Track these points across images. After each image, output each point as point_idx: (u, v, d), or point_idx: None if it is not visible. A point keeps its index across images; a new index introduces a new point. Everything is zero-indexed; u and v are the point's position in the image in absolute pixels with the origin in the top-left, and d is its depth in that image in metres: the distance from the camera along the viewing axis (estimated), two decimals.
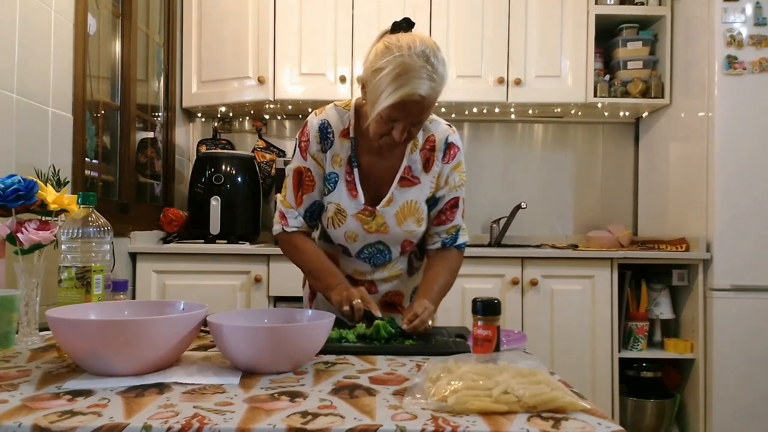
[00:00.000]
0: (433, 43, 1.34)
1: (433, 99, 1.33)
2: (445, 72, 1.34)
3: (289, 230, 1.54)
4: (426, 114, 1.37)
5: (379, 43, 1.37)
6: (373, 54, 1.36)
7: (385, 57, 1.31)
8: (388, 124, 1.36)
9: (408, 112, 1.33)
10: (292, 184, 1.54)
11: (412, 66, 1.28)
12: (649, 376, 2.79)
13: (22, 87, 1.72)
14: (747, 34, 2.60)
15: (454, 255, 1.58)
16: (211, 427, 0.71)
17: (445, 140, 1.54)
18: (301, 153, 1.52)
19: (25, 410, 0.77)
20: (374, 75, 1.32)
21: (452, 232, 1.57)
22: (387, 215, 1.50)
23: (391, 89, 1.28)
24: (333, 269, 1.52)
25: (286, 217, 1.54)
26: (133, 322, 0.94)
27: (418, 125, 1.39)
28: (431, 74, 1.30)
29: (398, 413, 0.77)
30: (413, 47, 1.30)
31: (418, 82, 1.28)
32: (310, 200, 1.53)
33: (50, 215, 1.34)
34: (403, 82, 1.28)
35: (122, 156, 2.60)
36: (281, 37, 2.92)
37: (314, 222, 1.58)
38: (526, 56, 2.97)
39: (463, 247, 1.60)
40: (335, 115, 1.52)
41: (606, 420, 0.75)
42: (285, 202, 1.55)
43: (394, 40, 1.33)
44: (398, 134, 1.36)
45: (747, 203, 2.59)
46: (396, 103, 1.29)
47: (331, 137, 1.51)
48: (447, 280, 1.54)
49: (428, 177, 1.52)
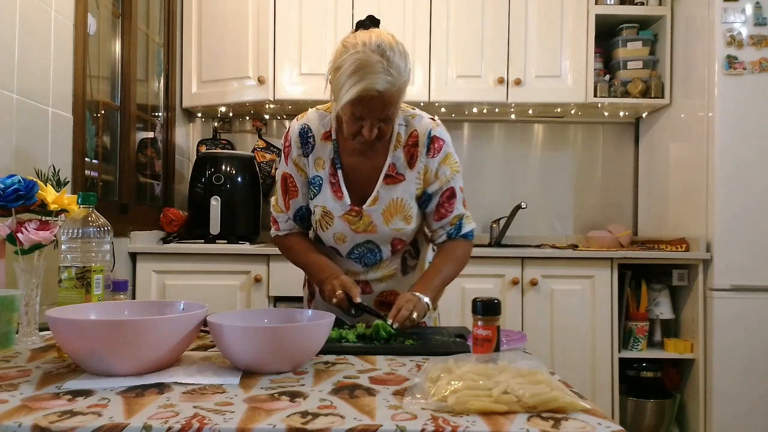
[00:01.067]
0: (390, 37, 1.34)
1: (393, 93, 1.32)
2: (404, 65, 1.33)
3: (281, 234, 1.61)
4: (391, 109, 1.36)
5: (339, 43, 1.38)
6: (334, 54, 1.37)
7: (342, 56, 1.32)
8: (357, 122, 1.36)
9: (369, 108, 1.33)
10: (280, 189, 1.58)
11: (367, 61, 1.28)
12: (649, 376, 2.79)
13: (22, 87, 1.72)
14: (747, 34, 2.60)
15: (461, 244, 1.56)
16: (211, 427, 0.71)
17: (427, 134, 1.51)
18: (285, 159, 1.56)
19: (25, 410, 0.77)
20: (334, 74, 1.34)
21: (455, 222, 1.55)
22: (374, 214, 1.50)
23: (348, 86, 1.29)
24: (324, 263, 1.53)
25: (277, 222, 1.61)
26: (133, 322, 0.94)
27: (386, 121, 1.38)
28: (387, 68, 1.29)
29: (398, 413, 0.77)
30: (369, 43, 1.30)
31: (374, 77, 1.28)
32: (296, 205, 1.57)
33: (50, 215, 1.34)
34: (359, 78, 1.28)
35: (122, 156, 2.60)
36: (281, 37, 2.92)
37: (306, 223, 1.60)
38: (526, 56, 2.97)
39: (470, 235, 1.57)
40: (316, 118, 1.53)
41: (606, 420, 0.75)
42: (276, 206, 1.60)
43: (351, 38, 1.35)
44: (367, 132, 1.37)
45: (747, 203, 2.59)
46: (354, 99, 1.30)
47: (311, 141, 1.52)
48: (450, 270, 1.52)
49: (413, 173, 1.51)
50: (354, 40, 1.33)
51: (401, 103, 1.42)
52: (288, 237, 1.60)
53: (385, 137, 1.43)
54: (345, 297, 1.39)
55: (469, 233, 1.57)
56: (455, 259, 1.54)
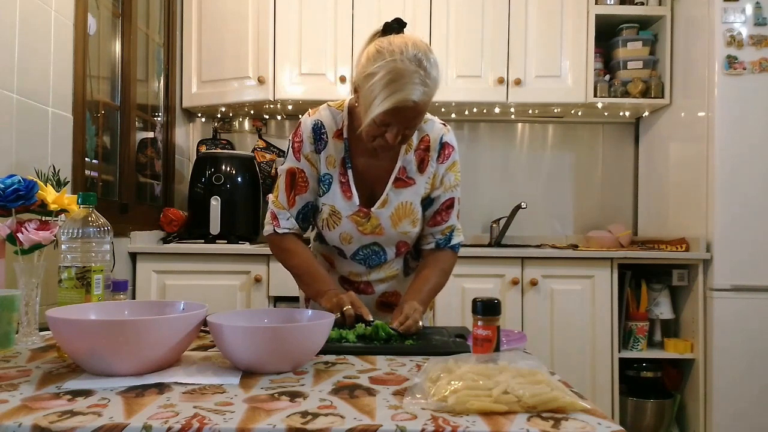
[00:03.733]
0: (425, 45, 1.33)
1: (426, 103, 1.32)
2: (438, 75, 1.33)
3: (281, 232, 1.52)
4: (420, 118, 1.36)
5: (370, 45, 1.35)
6: (365, 58, 1.34)
7: (377, 62, 1.29)
8: (381, 127, 1.34)
9: (401, 117, 1.31)
10: (284, 184, 1.52)
11: (404, 71, 1.27)
12: (649, 376, 2.79)
13: (22, 87, 1.72)
14: (747, 34, 2.60)
15: (448, 256, 1.56)
16: (211, 427, 0.71)
17: (439, 140, 1.51)
18: (294, 154, 1.51)
19: (25, 410, 0.77)
20: (367, 80, 1.31)
21: (447, 233, 1.55)
22: (382, 217, 1.49)
23: (384, 95, 1.27)
24: (323, 275, 1.50)
25: (277, 218, 1.53)
26: (133, 322, 0.94)
27: (412, 129, 1.38)
28: (424, 79, 1.28)
29: (398, 413, 0.77)
30: (405, 51, 1.28)
31: (412, 88, 1.27)
32: (303, 201, 1.52)
33: (50, 215, 1.34)
34: (396, 89, 1.26)
35: (122, 156, 2.60)
36: (281, 37, 2.92)
37: (307, 224, 1.56)
38: (526, 56, 2.97)
39: (457, 248, 1.58)
40: (329, 115, 1.50)
41: (606, 420, 0.75)
42: (277, 202, 1.54)
43: (385, 43, 1.31)
44: (392, 138, 1.35)
45: (747, 203, 2.59)
46: (389, 109, 1.28)
47: (324, 138, 1.49)
48: (438, 281, 1.52)
49: (423, 177, 1.51)
50: (389, 45, 1.30)
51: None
52: (286, 237, 1.53)
53: (405, 143, 1.42)
54: (354, 316, 1.34)
55: (456, 245, 1.57)
56: (443, 271, 1.54)
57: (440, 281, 1.53)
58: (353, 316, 1.34)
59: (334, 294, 1.41)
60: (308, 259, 1.52)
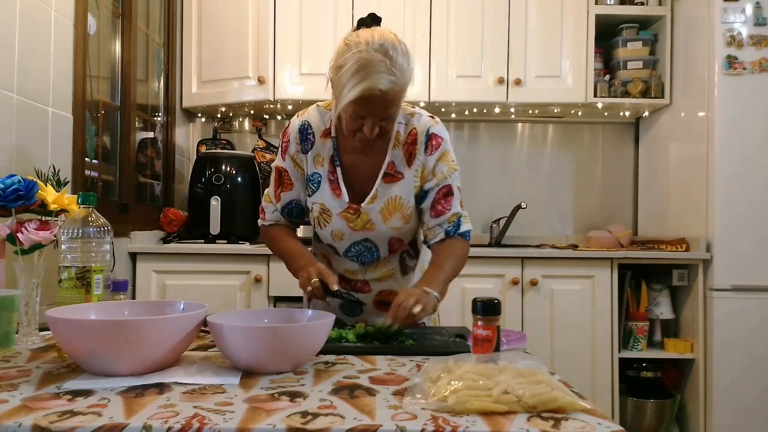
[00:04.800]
0: (392, 36, 1.34)
1: (396, 92, 1.32)
2: (407, 64, 1.33)
3: (266, 223, 1.61)
4: (392, 108, 1.36)
5: (340, 40, 1.37)
6: (336, 52, 1.37)
7: (344, 54, 1.32)
8: (357, 120, 1.36)
9: (371, 107, 1.32)
10: (273, 180, 1.59)
11: (370, 61, 1.28)
12: (649, 376, 2.79)
13: (22, 87, 1.72)
14: (747, 34, 2.60)
15: (459, 242, 1.53)
16: (211, 427, 0.71)
17: (426, 132, 1.50)
18: (281, 153, 1.56)
19: (25, 410, 0.77)
20: (336, 73, 1.34)
21: (453, 220, 1.51)
22: (372, 212, 1.50)
23: (351, 85, 1.29)
24: (301, 251, 1.54)
25: (265, 211, 1.61)
26: (133, 322, 0.94)
27: (388, 120, 1.38)
28: (390, 67, 1.29)
29: (398, 413, 0.77)
30: (371, 42, 1.30)
31: (377, 77, 1.28)
32: (288, 198, 1.57)
33: (50, 215, 1.34)
34: (362, 77, 1.28)
35: (122, 156, 2.60)
36: (281, 37, 2.92)
37: (293, 219, 1.61)
38: (526, 56, 2.97)
39: (467, 235, 1.54)
40: (316, 115, 1.53)
41: (606, 420, 0.75)
42: (267, 196, 1.61)
43: (353, 36, 1.34)
44: (368, 130, 1.36)
45: (747, 203, 2.59)
46: (357, 99, 1.29)
47: (311, 138, 1.52)
48: (454, 266, 1.48)
49: (411, 171, 1.50)
50: (357, 38, 1.32)
51: (402, 102, 1.42)
52: (272, 227, 1.61)
53: (386, 136, 1.43)
54: (320, 285, 1.36)
55: (466, 233, 1.54)
56: (456, 256, 1.50)
57: (455, 267, 1.49)
58: (320, 287, 1.36)
59: (305, 269, 1.42)
60: (288, 239, 1.58)
